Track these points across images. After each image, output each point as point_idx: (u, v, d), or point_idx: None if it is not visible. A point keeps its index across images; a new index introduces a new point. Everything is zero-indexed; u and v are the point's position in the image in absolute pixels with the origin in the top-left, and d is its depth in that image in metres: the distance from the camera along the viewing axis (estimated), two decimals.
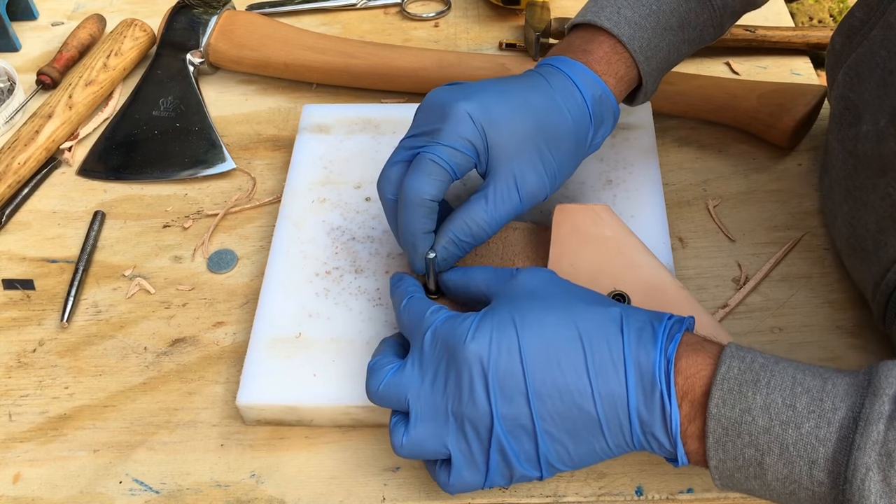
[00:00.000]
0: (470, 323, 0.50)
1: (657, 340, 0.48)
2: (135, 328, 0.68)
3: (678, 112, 0.78)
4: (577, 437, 0.48)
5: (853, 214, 0.61)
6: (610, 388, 0.47)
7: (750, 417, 0.44)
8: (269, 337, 0.62)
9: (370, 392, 0.53)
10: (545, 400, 0.48)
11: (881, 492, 0.41)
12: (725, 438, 0.45)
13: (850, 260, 0.63)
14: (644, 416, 0.47)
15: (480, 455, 0.50)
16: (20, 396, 0.65)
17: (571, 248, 0.62)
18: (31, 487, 0.60)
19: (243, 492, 0.58)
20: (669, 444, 0.47)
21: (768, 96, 0.75)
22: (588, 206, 0.64)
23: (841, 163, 0.63)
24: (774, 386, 0.44)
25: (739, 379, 0.45)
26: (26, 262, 0.73)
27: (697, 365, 0.47)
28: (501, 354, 0.48)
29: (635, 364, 0.47)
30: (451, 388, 0.49)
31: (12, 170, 0.77)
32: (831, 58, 0.67)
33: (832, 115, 0.66)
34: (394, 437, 0.52)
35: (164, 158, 0.79)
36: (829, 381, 0.44)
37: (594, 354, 0.48)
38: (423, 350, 0.51)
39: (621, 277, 0.60)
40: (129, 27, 0.88)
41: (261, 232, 0.74)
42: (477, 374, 0.48)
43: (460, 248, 0.58)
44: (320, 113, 0.78)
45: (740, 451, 0.45)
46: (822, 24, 1.96)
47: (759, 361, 0.46)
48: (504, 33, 0.91)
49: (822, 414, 0.43)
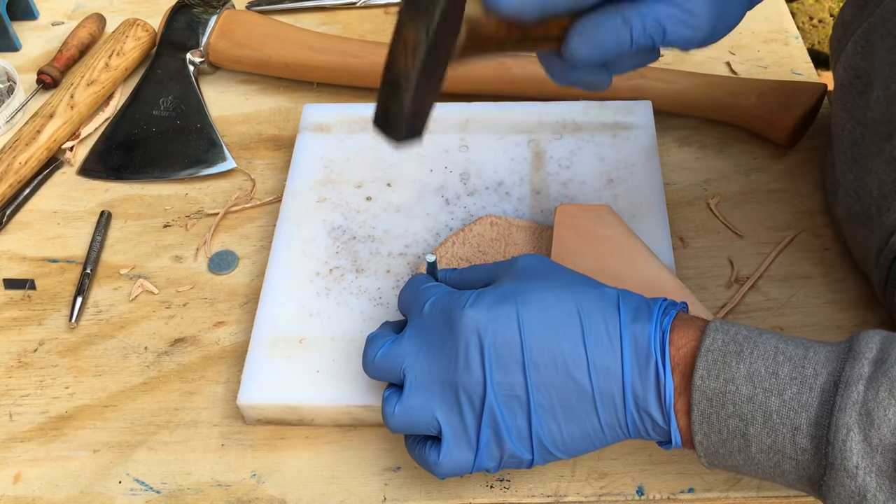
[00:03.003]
0: (469, 294, 0.50)
1: (653, 316, 0.48)
2: (135, 328, 0.68)
3: (678, 110, 0.78)
4: (570, 412, 0.48)
5: (858, 182, 0.61)
6: (605, 361, 0.47)
7: (734, 387, 0.45)
8: (270, 336, 0.62)
9: (366, 362, 0.53)
10: (541, 370, 0.48)
11: (862, 451, 0.41)
12: (710, 410, 0.45)
13: (853, 230, 0.63)
14: (638, 389, 0.47)
15: (472, 427, 0.49)
16: (21, 396, 0.65)
17: (573, 248, 0.62)
18: (31, 487, 0.60)
19: (244, 492, 0.58)
20: (663, 420, 0.47)
21: (768, 94, 0.75)
22: (589, 206, 0.64)
23: (848, 132, 0.63)
24: (757, 355, 0.45)
25: (723, 350, 0.45)
26: (27, 261, 0.73)
27: (687, 336, 0.47)
28: (500, 323, 0.48)
29: (631, 337, 0.47)
30: (447, 357, 0.49)
31: (13, 169, 0.77)
32: (839, 29, 0.67)
33: (839, 86, 0.65)
34: (386, 406, 0.51)
35: (165, 158, 0.79)
36: (811, 349, 0.45)
37: (591, 328, 0.48)
38: (422, 319, 0.51)
39: (622, 277, 0.60)
40: (131, 27, 0.88)
41: (261, 232, 0.74)
42: (473, 342, 0.48)
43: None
44: (321, 112, 0.78)
45: (724, 423, 0.45)
46: (823, 24, 1.96)
47: (742, 333, 0.46)
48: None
49: (804, 380, 0.44)
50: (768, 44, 0.87)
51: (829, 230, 0.70)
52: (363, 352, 0.54)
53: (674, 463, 0.58)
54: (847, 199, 0.63)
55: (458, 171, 0.72)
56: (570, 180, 0.71)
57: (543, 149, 0.73)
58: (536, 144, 0.74)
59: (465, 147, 0.74)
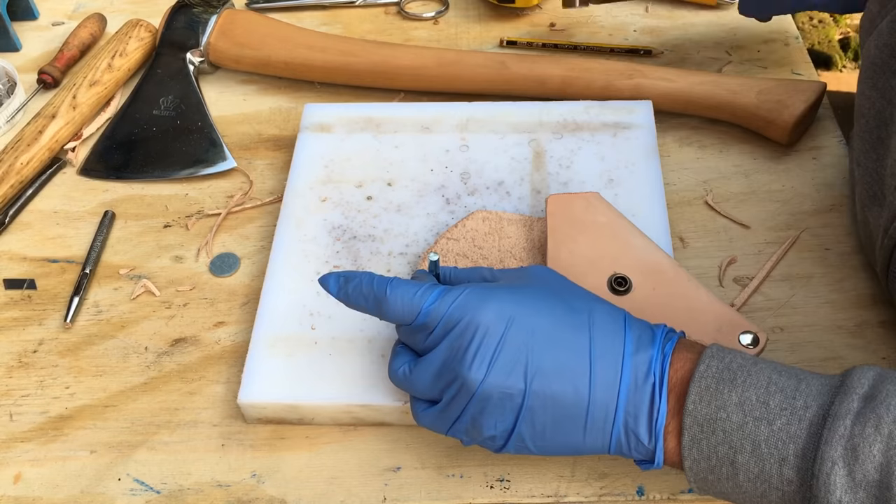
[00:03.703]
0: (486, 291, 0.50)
1: (656, 339, 0.49)
2: (136, 328, 0.68)
3: (678, 109, 0.78)
4: (560, 420, 0.48)
5: (878, 162, 0.61)
6: (606, 375, 0.47)
7: (724, 414, 0.45)
8: (271, 335, 0.62)
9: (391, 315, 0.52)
10: (544, 376, 0.48)
11: (846, 486, 0.41)
12: (700, 436, 0.45)
13: (866, 211, 0.63)
14: (630, 408, 0.47)
15: (457, 410, 0.50)
16: (21, 396, 0.65)
17: (567, 236, 0.63)
18: (31, 487, 0.60)
19: (244, 492, 0.58)
20: (649, 441, 0.47)
21: (768, 92, 0.75)
22: (579, 194, 0.65)
23: (876, 112, 0.63)
24: (750, 384, 0.45)
25: (717, 377, 0.46)
26: (27, 261, 0.73)
27: (684, 360, 0.48)
28: (512, 324, 0.48)
29: (633, 357, 0.48)
30: (458, 348, 0.49)
31: (15, 170, 0.77)
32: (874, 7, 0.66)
33: (869, 65, 0.65)
34: (394, 362, 0.52)
35: (165, 157, 0.79)
36: (804, 381, 0.45)
37: (599, 341, 0.48)
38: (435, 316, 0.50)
39: (619, 260, 0.61)
40: (133, 27, 0.88)
41: (262, 231, 0.74)
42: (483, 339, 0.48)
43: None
44: (321, 112, 0.78)
45: (714, 450, 0.45)
46: (823, 24, 1.96)
47: (737, 362, 0.47)
48: (505, 31, 0.91)
49: (794, 411, 0.44)
50: (768, 44, 0.87)
51: (829, 230, 0.70)
52: (389, 300, 0.52)
53: None
54: (865, 178, 0.63)
55: (458, 171, 0.72)
56: (571, 180, 0.71)
57: (544, 148, 0.73)
58: (537, 144, 0.74)
59: (466, 147, 0.74)
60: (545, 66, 0.80)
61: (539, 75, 0.80)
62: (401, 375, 0.52)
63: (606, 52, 0.87)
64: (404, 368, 0.52)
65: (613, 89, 0.78)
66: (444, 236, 0.66)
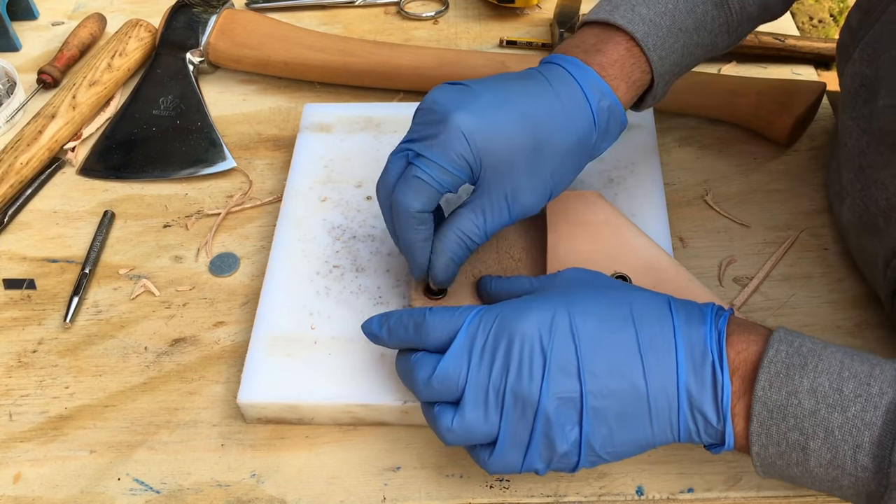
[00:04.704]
0: (520, 303, 0.50)
1: (706, 318, 0.48)
2: (135, 328, 0.68)
3: (678, 109, 0.78)
4: (623, 416, 0.48)
5: (865, 192, 0.61)
6: (660, 362, 0.47)
7: (796, 400, 0.44)
8: (270, 335, 0.62)
9: (419, 383, 0.51)
10: (597, 376, 0.47)
11: None
12: (770, 422, 0.45)
13: (860, 239, 0.63)
14: (693, 388, 0.47)
15: (525, 432, 0.49)
16: (20, 396, 0.65)
17: (567, 235, 0.63)
18: (31, 487, 0.60)
19: (244, 492, 0.58)
20: (717, 421, 0.46)
21: (768, 93, 0.75)
22: (579, 193, 0.65)
23: (854, 140, 0.63)
24: (822, 370, 0.45)
25: (787, 362, 0.45)
26: (27, 261, 0.73)
27: (747, 341, 0.47)
28: (556, 330, 0.48)
29: (686, 339, 0.47)
30: (502, 365, 0.49)
31: (14, 170, 0.77)
32: (846, 35, 0.67)
33: (846, 93, 0.65)
34: (441, 421, 0.50)
35: (165, 157, 0.79)
36: (878, 367, 0.45)
37: (645, 332, 0.48)
38: (470, 334, 0.50)
39: (619, 259, 0.61)
40: (133, 27, 0.88)
41: (261, 232, 0.74)
42: (528, 350, 0.48)
43: (457, 264, 0.58)
44: (321, 112, 0.78)
45: (784, 436, 0.45)
46: (823, 24, 1.96)
47: (807, 346, 0.46)
48: (505, 31, 0.91)
49: (869, 398, 0.43)
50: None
51: (829, 230, 0.70)
52: (412, 377, 0.52)
53: (673, 463, 0.58)
54: (855, 207, 0.63)
55: None
56: None
57: None
58: None
59: None
60: None
61: None
62: (456, 427, 0.49)
63: None
64: (456, 419, 0.50)
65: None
66: None
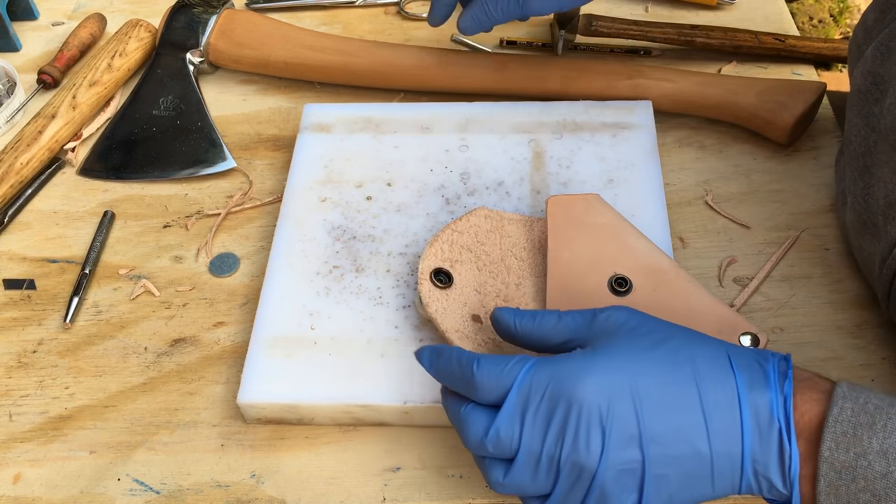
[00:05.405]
0: (574, 364, 0.47)
1: (769, 379, 0.46)
2: (135, 328, 0.68)
3: (678, 109, 0.78)
4: (685, 480, 0.46)
5: (867, 191, 0.61)
6: (725, 425, 0.45)
7: (865, 462, 0.43)
8: (270, 335, 0.62)
9: (471, 441, 0.49)
10: (659, 442, 0.45)
11: None
12: (839, 482, 0.44)
13: (860, 238, 0.63)
14: (759, 455, 0.45)
15: (580, 495, 0.47)
16: (20, 396, 0.65)
17: (568, 237, 0.63)
18: (31, 487, 0.60)
19: (243, 492, 0.58)
20: (784, 487, 0.45)
21: (768, 93, 0.75)
22: (579, 196, 0.65)
23: (861, 139, 0.62)
24: (892, 429, 0.43)
25: (853, 421, 0.44)
26: (27, 262, 0.73)
27: (811, 401, 0.45)
28: (614, 397, 0.46)
29: (750, 402, 0.45)
30: (557, 432, 0.46)
31: (14, 170, 0.77)
32: (860, 33, 0.66)
33: (855, 91, 0.65)
34: (492, 474, 0.48)
35: (165, 157, 0.79)
36: None
37: (708, 394, 0.46)
38: (523, 395, 0.47)
39: (620, 261, 0.61)
40: (133, 28, 0.88)
41: (261, 232, 0.74)
42: (585, 419, 0.46)
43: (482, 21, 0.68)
44: (321, 112, 0.78)
45: (854, 496, 0.43)
46: (823, 24, 1.96)
47: (873, 402, 0.44)
48: (505, 31, 0.91)
49: None
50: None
51: (829, 230, 0.70)
52: (463, 432, 0.49)
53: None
54: (856, 206, 0.63)
55: (458, 171, 0.72)
56: (570, 180, 0.71)
57: (543, 148, 0.73)
58: (536, 144, 0.74)
59: (466, 147, 0.74)
60: (545, 66, 0.80)
61: (539, 75, 0.80)
62: (508, 483, 0.48)
63: (606, 52, 0.87)
64: (508, 477, 0.48)
65: (613, 89, 0.78)
66: (449, 227, 0.66)
